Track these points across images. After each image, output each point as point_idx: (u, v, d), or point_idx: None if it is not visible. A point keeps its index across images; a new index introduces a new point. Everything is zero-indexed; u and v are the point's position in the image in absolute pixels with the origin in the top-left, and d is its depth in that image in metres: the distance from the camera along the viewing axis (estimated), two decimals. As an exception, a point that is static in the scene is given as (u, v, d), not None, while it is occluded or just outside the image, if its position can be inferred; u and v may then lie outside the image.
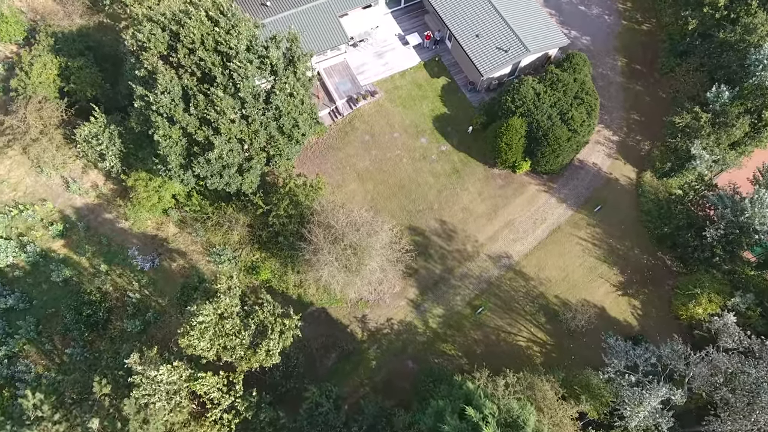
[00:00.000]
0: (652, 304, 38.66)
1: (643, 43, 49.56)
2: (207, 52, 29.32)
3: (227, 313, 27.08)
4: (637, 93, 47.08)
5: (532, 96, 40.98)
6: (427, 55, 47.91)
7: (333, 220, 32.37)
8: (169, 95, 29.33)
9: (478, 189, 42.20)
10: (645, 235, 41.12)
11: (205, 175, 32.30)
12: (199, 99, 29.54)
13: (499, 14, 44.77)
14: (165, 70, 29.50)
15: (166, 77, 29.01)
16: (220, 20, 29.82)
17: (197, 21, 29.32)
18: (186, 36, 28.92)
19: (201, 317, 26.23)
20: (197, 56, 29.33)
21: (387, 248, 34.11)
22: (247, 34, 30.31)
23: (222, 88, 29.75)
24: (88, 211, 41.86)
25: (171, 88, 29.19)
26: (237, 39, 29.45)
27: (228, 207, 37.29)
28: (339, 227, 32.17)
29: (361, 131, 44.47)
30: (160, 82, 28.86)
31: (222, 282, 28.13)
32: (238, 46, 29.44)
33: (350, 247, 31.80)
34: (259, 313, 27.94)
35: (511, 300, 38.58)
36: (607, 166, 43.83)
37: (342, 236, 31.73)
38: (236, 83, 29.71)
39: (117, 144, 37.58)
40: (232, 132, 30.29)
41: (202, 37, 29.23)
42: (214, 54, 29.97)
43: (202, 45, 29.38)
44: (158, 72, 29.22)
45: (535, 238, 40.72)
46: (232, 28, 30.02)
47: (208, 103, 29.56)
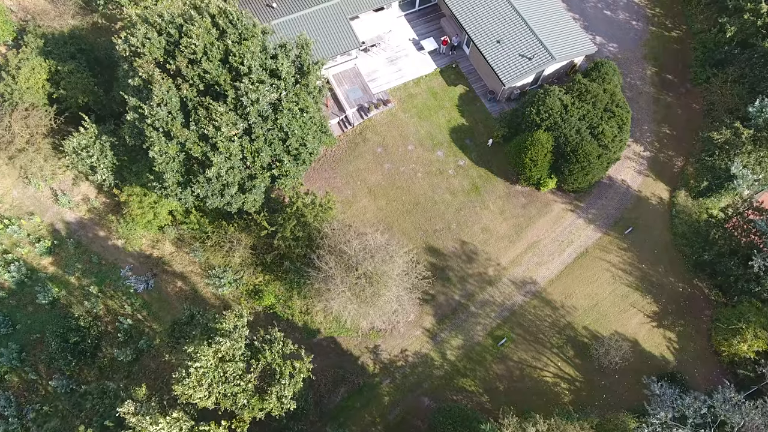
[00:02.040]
0: (690, 338, 35.58)
1: (674, 51, 46.49)
2: (212, 64, 26.20)
3: (229, 356, 23.97)
4: (668, 104, 44.01)
5: (558, 108, 37.91)
6: (443, 62, 44.86)
7: (345, 244, 29.30)
8: (166, 107, 26.24)
9: (499, 207, 39.13)
10: (679, 260, 38.03)
11: (205, 195, 29.24)
12: (201, 114, 26.43)
13: (522, 18, 41.71)
14: (162, 79, 26.42)
15: (163, 88, 25.92)
16: (228, 30, 26.70)
17: (202, 29, 26.20)
18: (187, 45, 25.81)
19: (198, 362, 23.12)
20: (201, 68, 26.21)
21: (403, 275, 31.04)
22: (257, 46, 27.18)
23: (231, 106, 26.64)
24: (79, 227, 38.80)
25: (168, 99, 26.10)
26: (251, 54, 26.32)
27: (229, 226, 34.23)
28: (352, 253, 29.10)
29: (372, 143, 41.43)
30: (156, 93, 25.77)
31: (229, 321, 24.98)
32: (252, 62, 26.30)
33: (364, 275, 28.74)
34: (266, 355, 24.81)
35: (536, 330, 35.49)
36: (638, 184, 40.75)
37: (356, 264, 28.66)
38: (245, 105, 26.62)
39: (109, 156, 34.54)
40: (231, 149, 27.19)
41: (205, 47, 26.11)
42: (222, 68, 26.84)
43: (205, 56, 26.26)
44: (154, 81, 26.12)
45: (561, 262, 37.64)
46: (242, 39, 26.89)
47: (206, 117, 26.45)
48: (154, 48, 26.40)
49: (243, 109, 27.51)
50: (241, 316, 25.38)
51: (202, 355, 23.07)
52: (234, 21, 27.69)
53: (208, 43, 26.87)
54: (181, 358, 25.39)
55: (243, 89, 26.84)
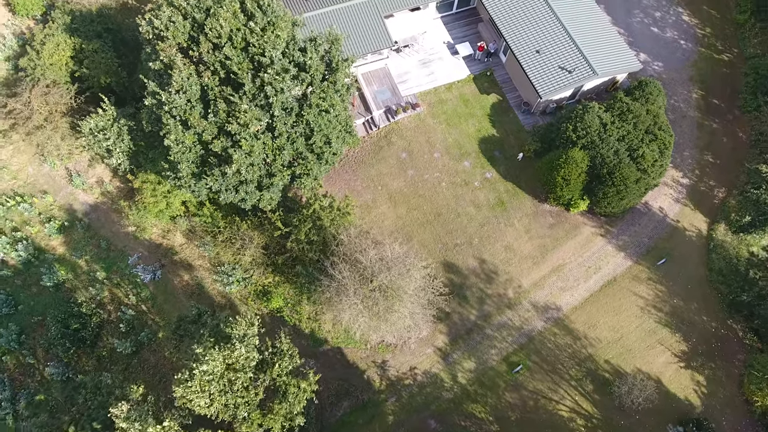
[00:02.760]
0: (719, 383, 33.19)
1: (723, 75, 43.90)
2: (235, 50, 24.82)
3: (239, 365, 22.46)
4: (712, 131, 41.49)
5: (597, 126, 35.81)
6: (477, 68, 42.99)
7: (361, 253, 27.70)
8: (185, 95, 24.95)
9: (525, 226, 37.14)
10: (714, 298, 35.61)
11: (219, 189, 27.91)
12: (220, 107, 25.06)
13: (565, 29, 39.62)
14: (183, 65, 25.13)
15: (183, 74, 24.62)
16: (257, 15, 25.28)
17: (229, 12, 24.84)
18: (213, 28, 24.47)
19: (206, 365, 21.69)
20: (223, 54, 24.86)
21: (419, 290, 29.34)
22: (286, 36, 25.73)
23: (250, 98, 25.22)
24: (90, 210, 37.93)
25: (188, 87, 24.80)
26: (273, 44, 24.88)
27: (242, 223, 32.89)
28: (368, 263, 27.50)
29: (397, 147, 39.77)
30: (175, 79, 24.47)
31: (240, 327, 23.55)
32: (274, 53, 24.85)
33: (379, 288, 27.11)
34: (274, 369, 23.27)
35: (554, 360, 33.46)
36: (675, 213, 38.38)
37: (371, 275, 27.05)
38: (268, 95, 25.18)
39: (126, 140, 33.51)
40: (254, 148, 25.78)
41: (231, 32, 24.75)
42: (243, 55, 25.45)
43: (230, 42, 24.91)
44: (175, 67, 24.84)
45: (586, 289, 35.52)
46: (268, 25, 25.46)
47: (229, 112, 25.09)
48: (177, 32, 25.13)
49: (266, 99, 26.05)
50: (252, 324, 23.91)
51: (211, 359, 21.66)
52: (264, 7, 26.28)
53: (235, 29, 25.51)
54: (185, 358, 24.06)
55: (267, 79, 25.40)
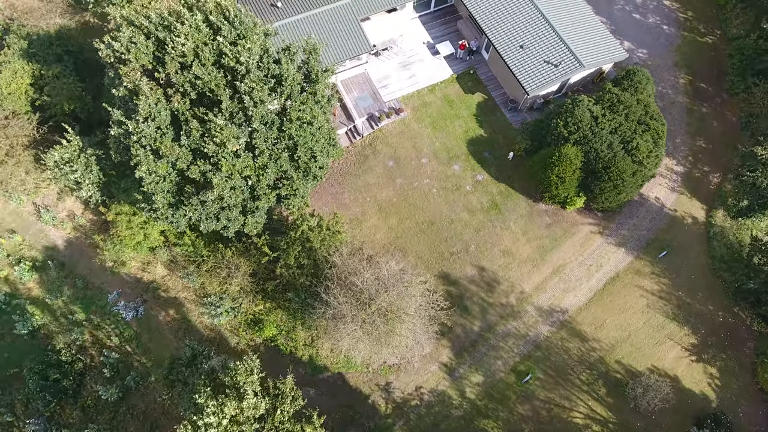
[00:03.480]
0: (732, 373, 32.37)
1: (708, 58, 43.19)
2: (204, 67, 22.93)
3: (244, 418, 20.69)
4: (702, 116, 40.74)
5: (588, 120, 34.66)
6: (460, 67, 41.57)
7: (356, 275, 26.07)
8: (154, 123, 23.00)
9: (521, 228, 35.88)
10: (718, 286, 34.81)
11: (198, 218, 26.03)
12: (193, 127, 23.19)
13: (548, 22, 38.40)
14: (149, 90, 23.16)
15: (150, 100, 22.67)
16: (224, 28, 23.41)
17: (191, 27, 22.94)
18: (174, 47, 22.56)
19: (209, 418, 19.90)
20: (192, 73, 22.96)
21: (420, 308, 27.85)
22: (258, 48, 23.95)
23: (228, 115, 23.38)
24: (63, 247, 35.61)
25: (156, 113, 22.85)
26: (248, 52, 23.08)
27: (227, 250, 30.99)
28: (364, 286, 25.88)
29: (383, 155, 38.18)
30: (142, 107, 22.52)
31: (240, 376, 21.74)
32: (249, 61, 23.05)
33: (378, 312, 25.54)
34: (276, 416, 21.55)
35: (564, 365, 32.29)
36: (671, 203, 37.50)
37: (369, 299, 25.44)
38: (246, 108, 23.38)
39: (95, 171, 31.32)
40: (235, 168, 23.97)
41: (196, 48, 22.85)
42: (216, 71, 23.59)
43: (197, 59, 23.02)
44: (140, 93, 22.87)
45: (589, 289, 34.42)
46: (238, 38, 23.65)
47: (204, 132, 23.21)
48: (140, 54, 23.14)
49: (245, 113, 24.22)
50: (251, 372, 22.11)
51: (215, 411, 19.86)
52: (231, 19, 24.41)
53: (201, 43, 23.62)
54: (181, 406, 22.18)
55: (244, 89, 23.56)
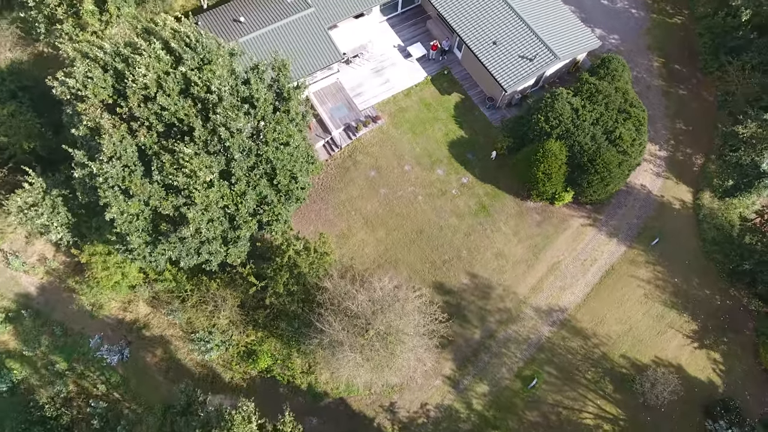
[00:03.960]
0: (736, 356, 32.22)
1: (679, 39, 43.08)
2: (169, 98, 21.51)
3: None
4: (679, 97, 40.58)
5: (569, 113, 34.08)
6: (433, 68, 40.65)
7: (350, 300, 24.97)
8: (120, 161, 21.51)
9: (512, 228, 35.18)
10: (712, 268, 34.65)
11: (178, 256, 24.60)
12: (165, 160, 21.76)
13: (518, 15, 37.71)
14: (112, 127, 21.65)
15: (114, 138, 21.17)
16: (186, 55, 22.00)
17: (151, 57, 21.50)
18: (135, 79, 21.10)
19: None
20: (157, 105, 21.53)
21: (419, 325, 26.89)
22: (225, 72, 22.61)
23: (201, 144, 22.02)
24: (37, 293, 33.70)
25: (121, 151, 21.37)
26: (218, 80, 21.75)
27: (211, 282, 29.59)
28: (359, 310, 24.80)
29: (364, 166, 37.08)
30: (105, 147, 21.01)
31: (237, 428, 20.50)
32: (221, 89, 21.74)
33: (377, 336, 24.49)
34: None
35: (568, 366, 31.72)
36: (658, 188, 37.23)
37: (366, 324, 24.38)
38: (222, 139, 22.07)
39: (62, 213, 29.46)
40: (210, 199, 22.62)
41: (158, 79, 21.42)
42: (183, 99, 22.18)
43: (160, 89, 21.58)
44: (102, 131, 21.35)
45: (586, 284, 33.92)
46: (203, 63, 22.28)
47: (173, 163, 21.80)
48: (98, 89, 21.60)
49: (221, 143, 22.91)
50: (249, 421, 20.88)
51: None
52: (192, 44, 23.00)
53: (162, 73, 22.18)
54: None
55: (219, 120, 22.26)
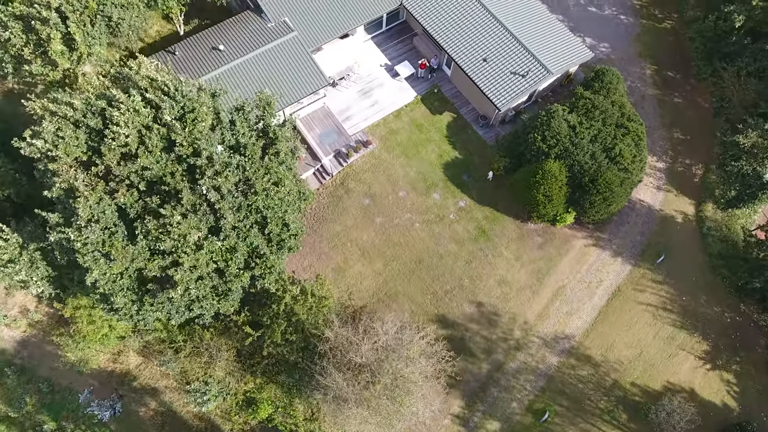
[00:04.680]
0: (749, 375, 31.47)
1: (669, 44, 42.29)
2: (152, 155, 20.02)
3: None
4: (675, 106, 39.77)
5: (566, 131, 33.05)
6: (423, 87, 39.38)
7: (353, 352, 23.66)
8: (99, 224, 19.97)
9: (513, 252, 34.08)
10: (719, 284, 33.87)
11: (168, 315, 23.12)
12: (149, 225, 20.27)
13: (507, 30, 36.58)
14: (88, 189, 20.09)
15: (90, 201, 19.62)
16: (164, 106, 20.47)
17: (129, 110, 19.97)
18: (114, 136, 19.57)
19: None
20: (138, 165, 20.01)
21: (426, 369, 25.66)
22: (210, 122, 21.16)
23: (188, 207, 20.56)
24: (20, 347, 31.95)
25: (99, 214, 19.84)
26: (207, 138, 20.30)
27: (205, 332, 28.09)
28: (363, 361, 23.51)
29: (357, 193, 35.75)
30: (81, 211, 19.46)
31: None
32: (211, 148, 20.31)
33: (384, 389, 23.22)
34: None
35: (580, 396, 30.72)
36: (659, 203, 36.37)
37: (371, 376, 23.09)
38: (212, 203, 20.66)
39: (41, 267, 27.77)
40: (199, 261, 21.18)
41: (140, 134, 19.91)
42: (167, 156, 20.70)
43: (142, 146, 20.08)
44: (77, 194, 19.80)
45: (593, 308, 32.94)
46: (185, 113, 20.78)
47: (159, 228, 20.33)
48: (71, 147, 20.02)
49: (210, 206, 21.50)
50: None
51: None
52: (172, 93, 21.48)
53: (143, 127, 20.69)
54: None
55: (209, 183, 20.84)
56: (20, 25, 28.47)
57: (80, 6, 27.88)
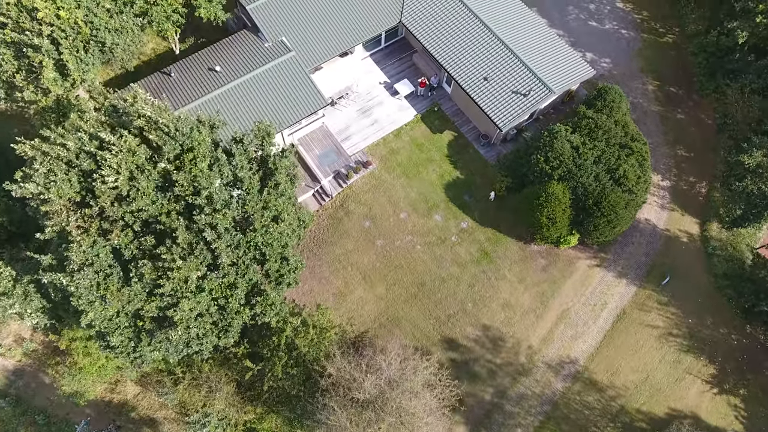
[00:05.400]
0: (757, 400, 31.04)
1: (671, 59, 41.85)
2: (146, 197, 19.46)
3: None
4: (678, 122, 39.34)
5: (569, 152, 32.58)
6: (422, 105, 38.88)
7: (356, 389, 23.13)
8: (92, 268, 19.39)
9: (517, 275, 33.60)
10: (725, 305, 33.43)
11: (165, 354, 22.56)
12: (144, 270, 19.69)
13: (508, 48, 36.10)
14: (82, 232, 19.50)
15: (84, 245, 19.04)
16: (165, 146, 19.89)
17: (122, 151, 19.39)
18: (106, 179, 18.98)
19: None
20: (134, 206, 19.43)
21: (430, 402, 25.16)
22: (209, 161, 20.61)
23: (185, 246, 20.01)
24: (14, 377, 31.34)
25: (93, 257, 19.26)
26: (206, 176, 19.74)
27: (204, 364, 27.52)
28: (367, 397, 22.97)
29: (358, 215, 35.22)
30: (74, 256, 18.87)
31: None
32: (212, 187, 19.77)
33: (390, 428, 22.69)
34: None
35: (585, 423, 30.24)
36: (663, 222, 35.92)
37: (376, 414, 22.56)
38: (209, 242, 20.10)
39: (36, 300, 27.14)
40: (201, 301, 20.62)
41: (132, 175, 19.34)
42: (162, 196, 20.13)
43: (134, 187, 19.51)
44: (71, 237, 19.21)
45: (598, 331, 32.47)
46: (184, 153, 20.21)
47: (158, 269, 19.76)
48: (63, 190, 19.42)
49: (206, 245, 20.94)
50: None
51: None
52: (172, 133, 20.86)
53: (135, 169, 20.07)
54: None
55: (205, 220, 20.28)
56: (11, 51, 27.92)
57: (73, 33, 27.30)
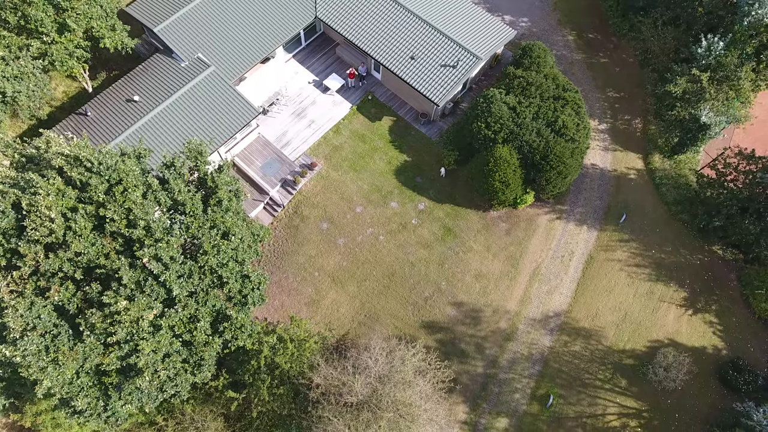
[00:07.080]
0: (729, 312, 32.28)
1: (585, 8, 42.93)
2: (84, 239, 17.96)
3: None
4: (603, 66, 40.41)
5: (507, 113, 32.76)
6: (356, 97, 38.29)
7: (348, 393, 22.37)
8: (35, 332, 17.76)
9: (483, 244, 33.62)
10: (682, 229, 34.62)
11: (140, 404, 21.07)
12: (95, 318, 18.20)
13: (427, 23, 35.96)
14: (15, 296, 17.79)
15: (21, 308, 17.37)
16: (92, 182, 18.42)
17: (49, 195, 17.81)
18: (36, 226, 17.39)
19: None
20: (71, 252, 17.90)
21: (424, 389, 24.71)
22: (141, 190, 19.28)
23: (133, 286, 18.62)
24: (-18, 469, 28.76)
25: (34, 320, 17.63)
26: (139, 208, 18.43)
27: (185, 405, 26.03)
28: (361, 398, 22.25)
29: (314, 219, 34.32)
30: (12, 321, 17.21)
31: None
32: (146, 218, 18.47)
33: (389, 424, 22.06)
34: None
35: (578, 372, 30.62)
36: (609, 163, 36.83)
37: (373, 413, 21.87)
38: (157, 276, 18.79)
39: (-15, 381, 24.95)
40: (160, 342, 19.28)
41: (66, 218, 17.81)
42: (99, 236, 18.66)
43: (70, 231, 17.98)
44: (3, 305, 17.51)
45: (571, 281, 32.95)
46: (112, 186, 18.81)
47: (106, 318, 18.31)
48: (-13, 253, 17.72)
49: (155, 279, 19.62)
50: None
51: None
52: (96, 167, 19.41)
53: (68, 210, 18.62)
54: None
55: (149, 253, 18.99)
56: None
57: (-35, 88, 25.10)
